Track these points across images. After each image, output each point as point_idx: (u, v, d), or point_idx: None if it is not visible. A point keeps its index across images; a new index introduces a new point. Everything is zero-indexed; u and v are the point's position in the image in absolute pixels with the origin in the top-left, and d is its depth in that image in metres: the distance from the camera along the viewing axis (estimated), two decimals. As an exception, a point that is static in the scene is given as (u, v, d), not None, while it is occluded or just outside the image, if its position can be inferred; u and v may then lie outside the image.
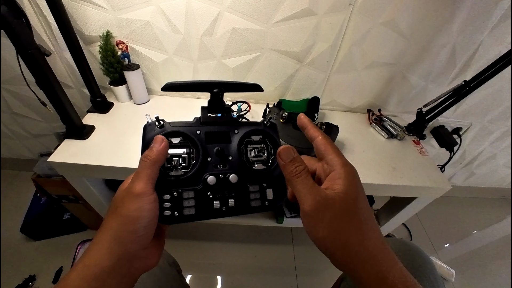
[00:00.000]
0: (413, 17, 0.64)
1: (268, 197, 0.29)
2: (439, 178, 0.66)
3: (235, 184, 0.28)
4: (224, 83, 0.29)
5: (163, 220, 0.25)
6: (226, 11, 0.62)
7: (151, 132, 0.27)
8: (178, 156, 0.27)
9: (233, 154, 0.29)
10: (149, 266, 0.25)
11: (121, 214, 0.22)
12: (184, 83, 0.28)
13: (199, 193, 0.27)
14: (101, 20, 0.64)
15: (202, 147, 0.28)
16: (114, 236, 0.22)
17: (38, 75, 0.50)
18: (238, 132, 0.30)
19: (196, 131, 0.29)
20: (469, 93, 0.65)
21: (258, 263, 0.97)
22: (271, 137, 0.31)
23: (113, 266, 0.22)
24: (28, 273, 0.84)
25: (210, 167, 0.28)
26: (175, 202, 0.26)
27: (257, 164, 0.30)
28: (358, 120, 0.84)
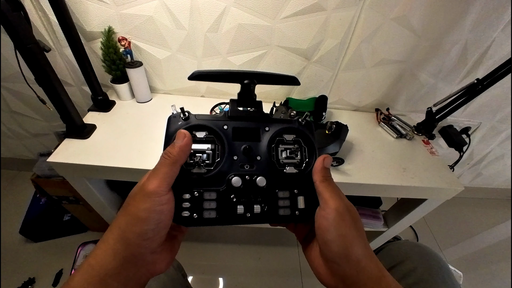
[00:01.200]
0: (425, 13, 0.62)
1: (299, 205, 0.26)
2: (451, 178, 0.64)
3: (262, 188, 0.25)
4: (257, 74, 0.26)
5: (180, 221, 0.23)
6: (232, 6, 0.60)
7: (175, 125, 0.25)
8: (201, 152, 0.25)
9: (262, 154, 0.26)
10: (156, 272, 0.23)
11: (130, 213, 0.21)
12: (214, 72, 0.26)
13: (222, 195, 0.25)
14: (103, 16, 0.62)
15: (228, 143, 0.25)
16: (121, 236, 0.21)
17: (37, 71, 0.48)
18: (269, 129, 0.27)
19: (223, 126, 0.26)
20: (481, 92, 0.63)
21: (262, 264, 0.95)
22: (306, 138, 0.28)
23: (118, 268, 0.20)
24: (28, 275, 0.82)
25: (236, 166, 0.25)
26: (195, 202, 0.24)
27: (288, 167, 0.27)
28: (366, 119, 0.82)
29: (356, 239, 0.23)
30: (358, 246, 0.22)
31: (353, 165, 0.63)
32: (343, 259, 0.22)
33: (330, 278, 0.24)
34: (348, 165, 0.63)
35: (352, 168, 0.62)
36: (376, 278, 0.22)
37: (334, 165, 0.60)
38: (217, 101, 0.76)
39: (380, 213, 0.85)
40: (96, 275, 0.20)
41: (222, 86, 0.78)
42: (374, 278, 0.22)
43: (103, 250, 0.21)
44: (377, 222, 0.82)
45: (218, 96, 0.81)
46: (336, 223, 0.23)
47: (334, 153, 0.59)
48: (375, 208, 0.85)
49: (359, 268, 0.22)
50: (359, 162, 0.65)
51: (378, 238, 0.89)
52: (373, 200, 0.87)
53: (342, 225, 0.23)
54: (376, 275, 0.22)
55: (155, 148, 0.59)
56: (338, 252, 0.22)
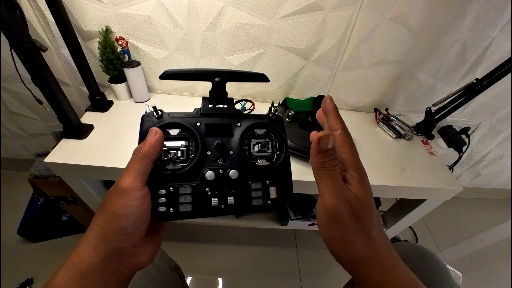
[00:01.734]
0: (423, 12, 0.62)
1: (271, 195, 0.27)
2: (449, 179, 0.64)
3: (235, 181, 0.26)
4: (227, 72, 0.27)
5: (158, 216, 0.24)
6: (230, 5, 0.60)
7: (148, 123, 0.26)
8: (176, 149, 0.26)
9: (235, 148, 0.27)
10: (141, 264, 0.23)
11: (107, 211, 0.21)
12: (184, 71, 0.26)
13: (197, 189, 0.25)
14: (100, 15, 0.62)
15: (201, 140, 0.26)
16: (100, 233, 0.21)
17: (33, 71, 0.47)
18: (241, 125, 0.28)
19: (196, 123, 0.27)
20: (480, 92, 0.63)
21: (261, 265, 0.95)
22: (277, 131, 0.29)
23: (100, 263, 0.21)
24: (26, 276, 0.82)
25: (209, 161, 0.26)
26: (170, 197, 0.25)
27: (260, 160, 0.28)
28: (364, 120, 0.81)
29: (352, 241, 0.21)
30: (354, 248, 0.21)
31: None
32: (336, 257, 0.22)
33: None
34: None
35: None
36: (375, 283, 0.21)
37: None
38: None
39: (379, 213, 0.84)
40: (78, 271, 0.20)
41: (220, 86, 0.78)
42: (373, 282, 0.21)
43: (84, 248, 0.21)
44: (376, 223, 0.81)
45: None
46: (327, 224, 0.21)
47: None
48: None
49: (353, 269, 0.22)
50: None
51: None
52: (372, 200, 0.87)
53: (332, 227, 0.21)
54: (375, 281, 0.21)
55: (152, 148, 0.58)
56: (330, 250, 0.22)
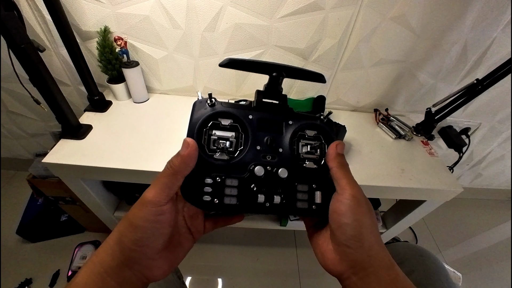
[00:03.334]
0: (424, 12, 0.62)
1: (316, 200, 0.26)
2: (449, 180, 0.63)
3: (283, 180, 0.26)
4: (286, 67, 0.27)
5: (201, 205, 0.24)
6: (229, 5, 0.60)
7: (200, 110, 0.25)
8: (226, 139, 0.25)
9: (285, 146, 0.27)
10: (153, 278, 0.23)
11: (128, 219, 0.22)
12: (246, 60, 0.26)
13: (244, 182, 0.25)
14: (98, 15, 0.61)
15: (252, 133, 0.26)
16: (118, 238, 0.22)
17: (31, 71, 0.47)
18: (293, 123, 0.27)
19: (248, 116, 0.26)
20: (481, 92, 0.62)
21: (260, 265, 0.95)
22: (327, 135, 0.28)
23: (115, 268, 0.21)
24: (24, 276, 0.82)
25: (259, 156, 0.26)
26: (216, 188, 0.24)
27: (308, 162, 0.27)
28: (364, 120, 0.81)
29: (370, 227, 0.23)
30: (372, 234, 0.23)
31: (351, 166, 0.61)
32: (356, 243, 0.23)
33: (338, 263, 0.24)
34: (346, 166, 0.62)
35: (350, 169, 0.62)
36: (386, 266, 0.22)
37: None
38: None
39: (379, 214, 0.84)
40: (97, 272, 0.21)
41: (219, 86, 0.78)
42: (384, 266, 0.22)
43: (104, 250, 0.22)
44: (376, 223, 0.81)
45: (216, 96, 0.80)
46: (353, 209, 0.23)
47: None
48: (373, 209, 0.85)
49: (370, 253, 0.22)
50: (357, 163, 0.64)
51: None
52: (372, 201, 0.86)
53: (358, 211, 0.23)
54: (386, 264, 0.23)
55: (152, 149, 0.58)
56: (352, 235, 0.23)
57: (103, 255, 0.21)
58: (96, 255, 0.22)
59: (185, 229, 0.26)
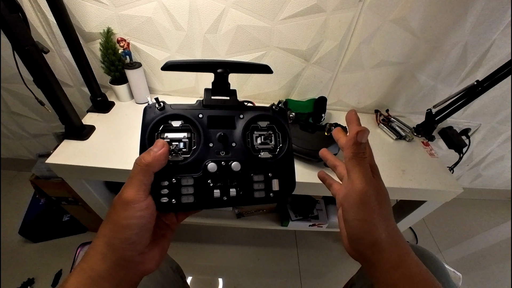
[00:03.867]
0: (425, 15, 0.62)
1: (273, 188, 0.27)
2: (450, 181, 0.64)
3: (237, 173, 0.26)
4: (229, 63, 0.27)
5: (160, 208, 0.24)
6: (231, 7, 0.60)
7: (151, 115, 0.26)
8: (178, 140, 0.26)
9: (237, 140, 0.27)
10: (147, 271, 0.24)
11: (112, 221, 0.22)
12: (186, 62, 0.26)
13: (199, 180, 0.25)
14: (101, 17, 0.62)
15: (204, 131, 0.26)
16: (106, 242, 0.22)
17: (36, 73, 0.47)
18: (244, 117, 0.28)
19: (198, 115, 0.27)
20: (481, 94, 0.63)
21: (261, 265, 0.95)
22: (280, 124, 0.29)
23: (108, 271, 0.21)
24: (27, 276, 0.82)
25: (212, 153, 0.26)
26: (173, 189, 0.25)
27: (263, 152, 0.28)
28: (365, 121, 0.82)
29: (376, 224, 0.22)
30: (377, 231, 0.22)
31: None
32: (359, 240, 0.23)
33: (351, 251, 0.25)
34: (347, 167, 0.63)
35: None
36: (393, 265, 0.22)
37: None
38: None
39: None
40: (88, 277, 0.21)
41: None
42: (391, 264, 0.22)
43: (93, 256, 0.22)
44: (376, 224, 0.82)
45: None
46: (356, 207, 0.23)
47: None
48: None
49: (374, 250, 0.23)
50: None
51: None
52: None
53: (362, 210, 0.23)
54: (394, 262, 0.22)
55: (154, 150, 0.58)
56: (354, 234, 0.23)
57: (93, 260, 0.21)
58: (85, 261, 0.22)
59: (162, 223, 0.27)
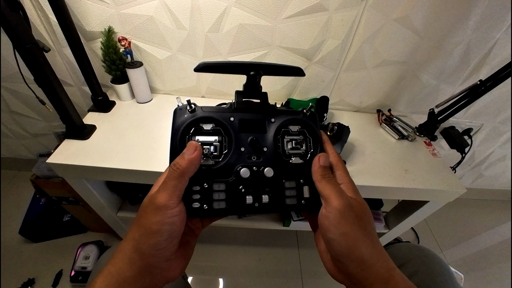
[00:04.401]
0: (428, 13, 0.62)
1: (305, 195, 0.27)
2: (453, 181, 0.63)
3: (270, 179, 0.26)
4: (263, 65, 0.26)
5: (191, 213, 0.24)
6: (233, 6, 0.60)
7: (181, 117, 0.25)
8: (209, 144, 0.25)
9: (269, 145, 0.27)
10: (171, 277, 0.24)
11: (142, 225, 0.22)
12: (220, 63, 0.26)
13: (231, 186, 0.25)
14: (102, 15, 0.61)
15: (235, 135, 0.26)
16: (135, 247, 0.22)
17: (36, 72, 0.47)
18: (275, 121, 0.27)
19: (230, 118, 0.26)
20: (484, 93, 0.63)
21: (262, 266, 0.95)
22: (311, 128, 0.28)
23: (135, 276, 0.21)
24: (27, 276, 0.82)
25: (243, 158, 0.26)
26: (204, 194, 0.24)
27: (294, 158, 0.27)
28: (367, 121, 0.81)
29: (360, 238, 0.22)
30: (363, 245, 0.22)
31: (354, 166, 0.63)
32: (346, 258, 0.22)
33: (338, 274, 0.24)
34: (349, 167, 0.62)
35: (353, 170, 0.62)
36: (383, 280, 0.22)
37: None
38: (217, 101, 0.75)
39: (381, 214, 0.84)
40: (115, 281, 0.21)
41: (222, 86, 0.78)
42: (381, 279, 0.22)
43: (121, 259, 0.22)
44: (378, 224, 0.81)
45: (219, 97, 0.80)
46: (336, 222, 0.22)
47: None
48: (376, 210, 0.85)
49: (363, 267, 0.22)
50: (360, 164, 0.64)
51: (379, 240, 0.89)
52: (374, 201, 0.87)
53: (343, 224, 0.22)
54: (383, 276, 0.22)
55: (155, 149, 0.58)
56: (340, 251, 0.22)
57: (120, 264, 0.21)
58: (112, 264, 0.22)
59: (187, 228, 0.27)
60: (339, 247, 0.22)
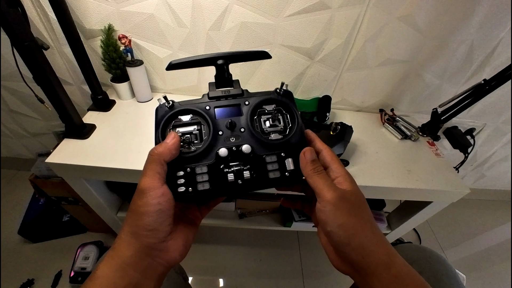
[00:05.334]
0: (431, 12, 0.61)
1: (288, 167, 0.27)
2: (456, 181, 0.63)
3: (249, 155, 0.27)
4: (228, 54, 0.28)
5: (178, 198, 0.25)
6: (235, 3, 0.59)
7: (161, 113, 0.28)
8: (189, 133, 0.27)
9: (245, 125, 0.28)
10: (171, 260, 0.24)
11: (132, 210, 0.23)
12: (187, 59, 0.28)
13: (212, 167, 0.26)
14: (102, 13, 0.61)
15: (212, 122, 0.27)
16: (129, 231, 0.23)
17: (35, 69, 0.46)
18: (249, 103, 0.29)
19: (205, 107, 0.28)
20: (488, 93, 0.62)
21: (263, 266, 0.95)
22: (286, 106, 0.29)
23: (133, 258, 0.22)
24: (26, 277, 0.81)
25: (222, 141, 0.27)
26: (188, 178, 0.26)
27: (273, 135, 0.28)
28: (370, 120, 0.81)
29: (358, 226, 0.23)
30: (361, 233, 0.23)
31: (357, 166, 0.62)
32: (346, 247, 0.23)
33: (341, 264, 0.25)
34: (352, 167, 0.62)
35: (356, 170, 0.61)
36: (385, 264, 0.22)
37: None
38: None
39: (384, 215, 0.84)
40: (116, 264, 0.22)
41: (223, 86, 0.77)
42: (383, 264, 0.22)
43: (119, 244, 0.23)
44: (381, 224, 0.81)
45: None
46: (332, 215, 0.23)
47: (339, 155, 0.58)
48: (378, 210, 0.84)
49: (364, 254, 0.22)
50: (363, 164, 0.63)
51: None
52: (377, 202, 0.86)
53: (339, 215, 0.23)
54: (384, 261, 0.22)
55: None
56: (340, 242, 0.23)
57: (119, 248, 0.23)
58: (113, 249, 0.23)
59: (186, 217, 0.29)
60: (339, 238, 0.23)
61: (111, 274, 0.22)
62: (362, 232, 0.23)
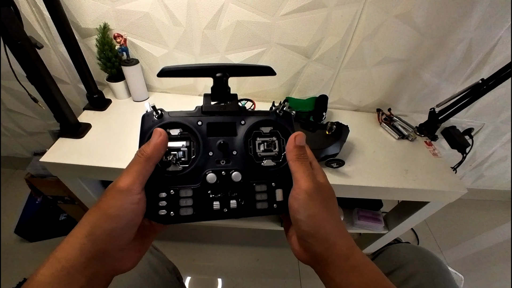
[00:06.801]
0: (429, 10, 0.61)
1: (277, 198, 0.26)
2: (454, 181, 0.62)
3: (238, 183, 0.25)
4: (229, 66, 0.26)
5: (158, 220, 0.24)
6: (231, 2, 0.58)
7: (149, 123, 0.25)
8: (177, 149, 0.25)
9: (239, 148, 0.26)
10: (122, 269, 0.23)
11: (101, 208, 0.21)
12: (183, 67, 0.25)
13: (198, 192, 0.25)
14: (98, 12, 0.60)
15: (203, 140, 0.25)
16: (89, 232, 0.20)
17: (28, 68, 0.46)
18: (245, 123, 0.27)
19: (197, 122, 0.26)
20: (486, 92, 0.61)
21: (260, 266, 0.94)
22: (284, 129, 0.27)
23: (84, 263, 0.20)
24: (23, 276, 0.81)
25: (212, 162, 0.25)
26: (171, 200, 0.24)
27: (266, 160, 0.26)
28: (367, 120, 0.80)
29: (326, 219, 0.23)
30: (328, 226, 0.23)
31: (354, 166, 0.62)
32: (311, 238, 0.23)
33: (303, 254, 0.25)
34: (348, 167, 0.61)
35: (353, 170, 0.61)
36: (344, 255, 0.23)
37: (334, 166, 0.59)
38: (215, 100, 0.74)
39: (381, 215, 0.83)
40: (62, 268, 0.19)
41: (220, 85, 0.76)
42: (342, 256, 0.23)
43: (71, 245, 0.20)
44: (378, 225, 0.80)
45: None
46: (305, 204, 0.23)
47: (335, 155, 0.57)
48: (375, 210, 0.84)
49: (327, 245, 0.23)
50: (360, 164, 0.63)
51: (378, 241, 0.88)
52: (374, 202, 0.86)
53: (311, 206, 0.23)
54: (344, 253, 0.23)
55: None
56: (307, 231, 0.23)
57: (70, 250, 0.20)
58: (60, 251, 0.20)
59: (148, 223, 0.26)
60: (306, 227, 0.23)
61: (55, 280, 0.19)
62: (328, 225, 0.23)
